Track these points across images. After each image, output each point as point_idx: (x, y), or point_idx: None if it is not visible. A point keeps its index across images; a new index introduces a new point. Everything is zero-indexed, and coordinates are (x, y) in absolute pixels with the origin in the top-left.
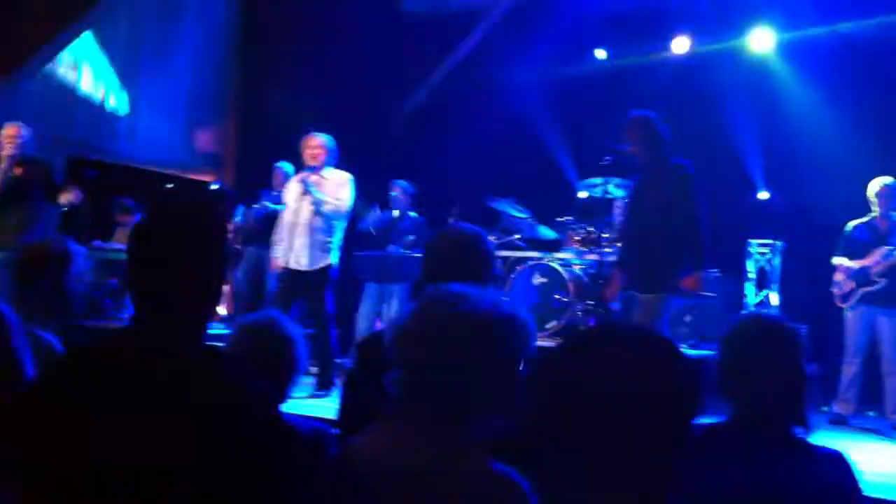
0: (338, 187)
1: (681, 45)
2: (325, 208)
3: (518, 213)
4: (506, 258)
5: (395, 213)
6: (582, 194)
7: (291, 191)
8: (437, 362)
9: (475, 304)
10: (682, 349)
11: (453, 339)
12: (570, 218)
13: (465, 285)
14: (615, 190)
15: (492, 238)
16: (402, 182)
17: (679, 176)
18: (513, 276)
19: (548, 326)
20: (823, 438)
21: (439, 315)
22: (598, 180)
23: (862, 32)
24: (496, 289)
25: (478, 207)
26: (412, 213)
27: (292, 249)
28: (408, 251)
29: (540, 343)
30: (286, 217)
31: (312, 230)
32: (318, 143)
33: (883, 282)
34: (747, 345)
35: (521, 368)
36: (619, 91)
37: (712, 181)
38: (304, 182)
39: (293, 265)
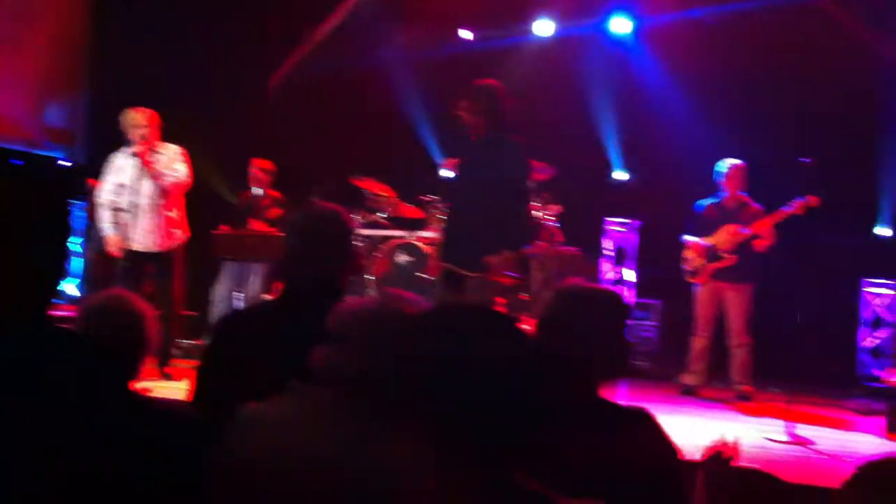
0: (173, 160)
1: (544, 27)
2: (166, 183)
3: (383, 191)
4: (370, 237)
5: (257, 190)
6: (446, 174)
7: (124, 170)
8: (367, 345)
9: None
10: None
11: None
12: (434, 197)
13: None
14: None
15: (356, 217)
16: (263, 159)
17: (517, 152)
18: (377, 254)
19: None
20: (675, 409)
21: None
22: None
23: (717, 18)
24: (356, 268)
25: (342, 186)
26: (272, 191)
27: (136, 230)
28: (268, 229)
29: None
30: (125, 198)
31: (157, 208)
32: (145, 117)
33: (731, 258)
34: (565, 309)
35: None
36: (485, 72)
37: (573, 161)
38: (138, 159)
39: (138, 247)
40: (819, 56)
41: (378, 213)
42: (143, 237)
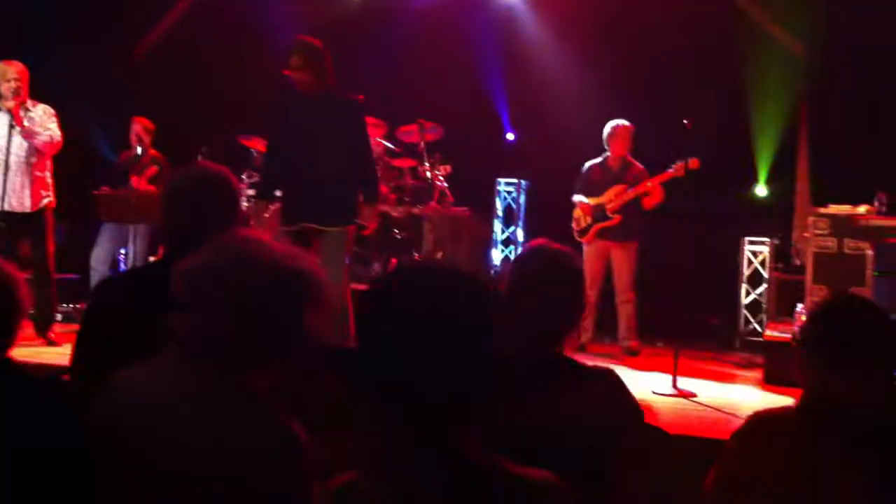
0: (45, 118)
1: None
2: (39, 142)
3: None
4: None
5: (137, 150)
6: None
7: None
8: (227, 308)
9: (267, 250)
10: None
11: (245, 284)
12: None
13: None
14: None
15: (241, 178)
16: (144, 118)
17: (352, 108)
18: (265, 216)
19: None
20: None
21: (232, 259)
22: None
23: None
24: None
25: (227, 146)
26: (153, 151)
27: (6, 191)
28: (149, 190)
29: None
30: None
31: (28, 168)
32: (17, 70)
33: (616, 218)
34: (532, 271)
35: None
36: (373, 33)
37: (463, 123)
38: (9, 115)
39: (8, 207)
40: (701, 19)
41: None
42: (14, 197)
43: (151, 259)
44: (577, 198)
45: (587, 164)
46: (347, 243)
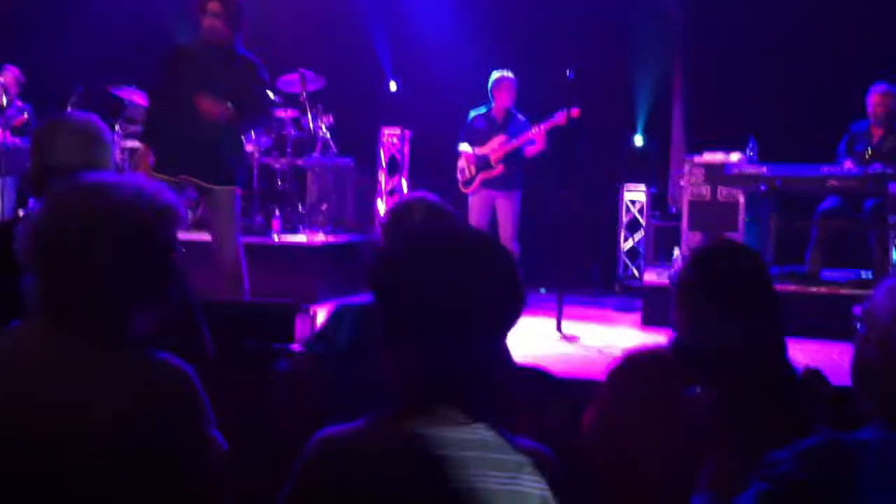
0: None
1: None
2: None
3: (144, 101)
4: (131, 150)
5: (3, 100)
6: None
7: None
8: (76, 264)
9: (113, 194)
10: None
11: (92, 236)
12: None
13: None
14: None
15: (114, 128)
16: (15, 68)
17: (250, 64)
18: (141, 168)
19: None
20: None
21: (73, 212)
22: None
23: None
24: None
25: (100, 95)
26: (20, 101)
27: None
28: (16, 141)
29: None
30: None
31: None
32: None
33: (500, 168)
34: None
35: (171, 257)
36: None
37: (344, 72)
38: None
39: None
40: None
41: (139, 124)
42: None
43: (21, 212)
44: (462, 147)
45: (471, 114)
46: (237, 202)
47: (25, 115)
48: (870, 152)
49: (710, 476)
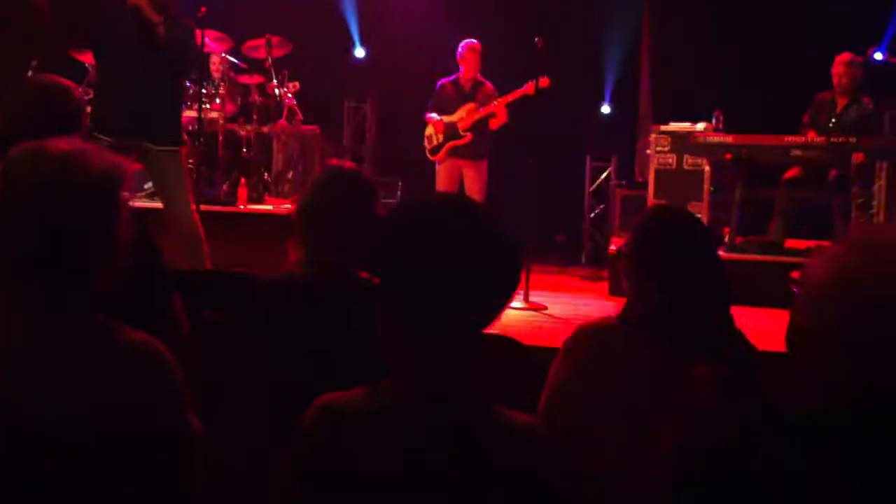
0: None
1: None
2: None
3: None
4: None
5: None
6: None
7: None
8: (24, 234)
9: (64, 162)
10: None
11: (38, 205)
12: None
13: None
14: (213, 44)
15: (80, 90)
16: None
17: (185, 26)
18: None
19: (147, 186)
20: None
21: (22, 179)
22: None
23: None
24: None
25: (63, 59)
26: None
27: None
28: None
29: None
30: None
31: None
32: None
33: (467, 136)
34: (326, 192)
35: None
36: None
37: (310, 37)
38: None
39: None
40: None
41: None
42: None
43: None
44: (431, 115)
45: (440, 82)
46: (184, 164)
47: None
48: (833, 122)
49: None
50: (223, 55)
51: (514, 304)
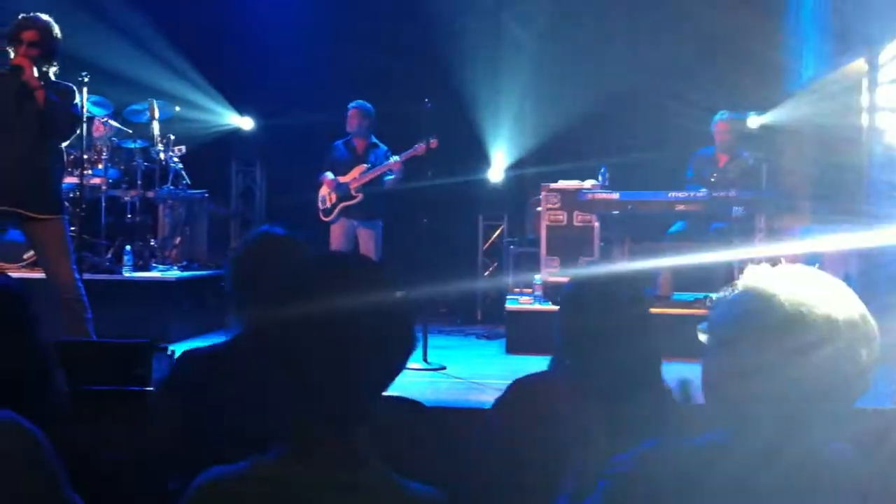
0: None
1: None
2: None
3: None
4: None
5: None
6: None
7: None
8: None
9: None
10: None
11: None
12: None
13: None
14: (95, 109)
15: None
16: None
17: (67, 90)
18: None
19: (27, 255)
20: None
21: None
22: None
23: None
24: None
25: None
26: None
27: None
28: None
29: (17, 274)
30: None
31: None
32: None
33: (360, 196)
34: (255, 258)
35: None
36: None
37: (196, 103)
38: None
39: None
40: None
41: None
42: None
43: None
44: (325, 175)
45: (333, 144)
46: (65, 232)
47: None
48: (715, 177)
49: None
50: (105, 119)
51: (414, 364)
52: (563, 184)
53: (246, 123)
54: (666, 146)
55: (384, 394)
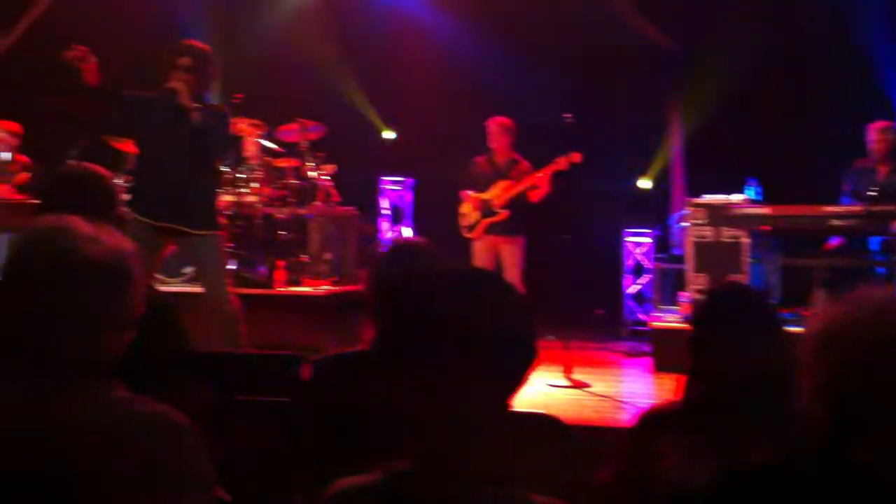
0: None
1: None
2: None
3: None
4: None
5: (6, 156)
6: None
7: None
8: (31, 311)
9: (77, 238)
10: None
11: (49, 278)
12: None
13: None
14: (249, 129)
15: (118, 180)
16: (10, 122)
17: (220, 113)
18: None
19: (184, 271)
20: None
21: (36, 252)
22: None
23: None
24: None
25: (102, 147)
26: (20, 156)
27: None
28: (17, 196)
29: (176, 288)
30: None
31: None
32: None
33: (503, 213)
34: (391, 268)
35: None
36: (245, 25)
37: (344, 119)
38: None
39: None
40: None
41: None
42: None
43: None
44: (466, 192)
45: (474, 160)
46: (221, 249)
47: (28, 175)
48: (876, 190)
49: None
50: (259, 140)
51: (556, 381)
52: (709, 198)
53: (394, 139)
54: (818, 157)
55: (522, 410)
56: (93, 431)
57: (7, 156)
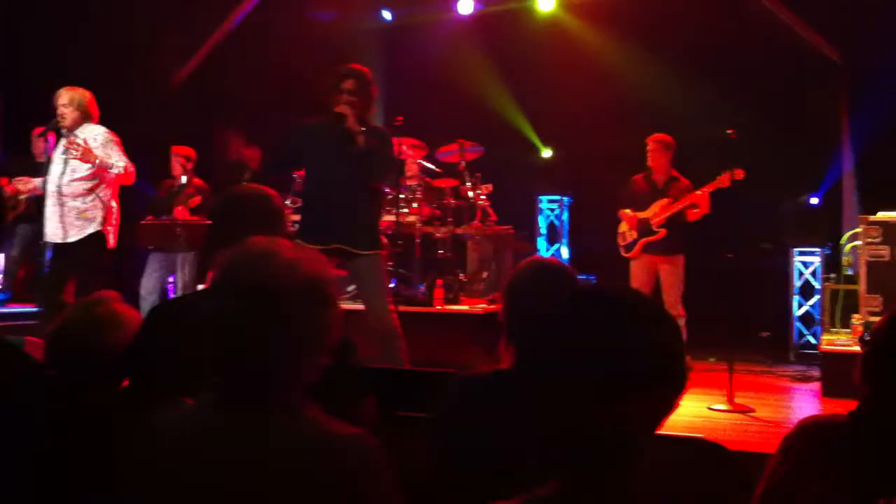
0: (102, 146)
1: (465, 5)
2: (83, 173)
3: None
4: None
5: (182, 180)
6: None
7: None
8: (239, 332)
9: (286, 264)
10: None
11: (258, 302)
12: None
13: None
14: (409, 151)
15: (287, 202)
16: (185, 146)
17: (383, 135)
18: None
19: (350, 289)
20: None
21: (247, 276)
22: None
23: None
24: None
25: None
26: (196, 179)
27: (48, 220)
28: (193, 218)
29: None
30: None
31: (62, 198)
32: (64, 99)
33: (662, 232)
34: (526, 284)
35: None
36: (407, 50)
37: (500, 139)
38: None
39: (52, 238)
40: (738, 23)
41: None
42: (54, 228)
43: (200, 287)
44: (623, 212)
45: (632, 178)
46: (383, 267)
47: (202, 198)
48: None
49: None
50: (419, 161)
51: (719, 406)
52: (882, 215)
53: (551, 157)
54: None
55: (681, 433)
56: (295, 455)
57: (183, 179)
